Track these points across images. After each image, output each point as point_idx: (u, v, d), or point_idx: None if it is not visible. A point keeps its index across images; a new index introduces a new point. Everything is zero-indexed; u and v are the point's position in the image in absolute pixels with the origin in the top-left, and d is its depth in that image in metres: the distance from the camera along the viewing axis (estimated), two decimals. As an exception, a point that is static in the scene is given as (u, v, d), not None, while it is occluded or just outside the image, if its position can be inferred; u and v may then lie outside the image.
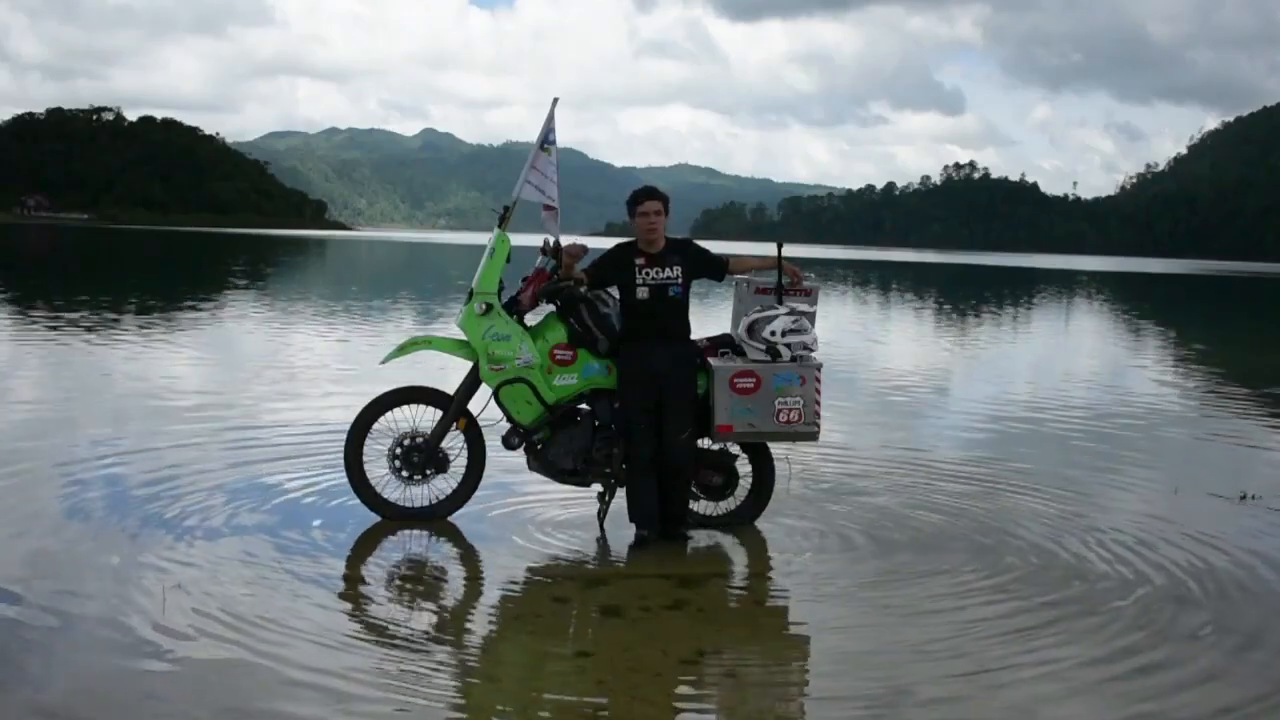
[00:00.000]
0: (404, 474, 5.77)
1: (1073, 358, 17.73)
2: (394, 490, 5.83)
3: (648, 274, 5.61)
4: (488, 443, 5.84)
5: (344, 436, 5.79)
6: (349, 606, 4.68)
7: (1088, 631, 4.54)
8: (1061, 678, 4.07)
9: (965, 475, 7.47)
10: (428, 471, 5.78)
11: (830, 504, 6.48)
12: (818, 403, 5.63)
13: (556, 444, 5.70)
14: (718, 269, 5.85)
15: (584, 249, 5.76)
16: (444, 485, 5.87)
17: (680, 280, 5.64)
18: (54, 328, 14.67)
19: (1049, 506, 6.62)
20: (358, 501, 5.81)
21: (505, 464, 6.34)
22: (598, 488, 5.81)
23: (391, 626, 4.44)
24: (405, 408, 5.81)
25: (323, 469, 6.81)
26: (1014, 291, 41.62)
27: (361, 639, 4.31)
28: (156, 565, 4.94)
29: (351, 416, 5.83)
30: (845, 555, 5.54)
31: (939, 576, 5.20)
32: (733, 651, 4.34)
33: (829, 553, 5.58)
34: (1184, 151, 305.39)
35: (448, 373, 6.19)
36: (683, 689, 4.00)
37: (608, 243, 5.97)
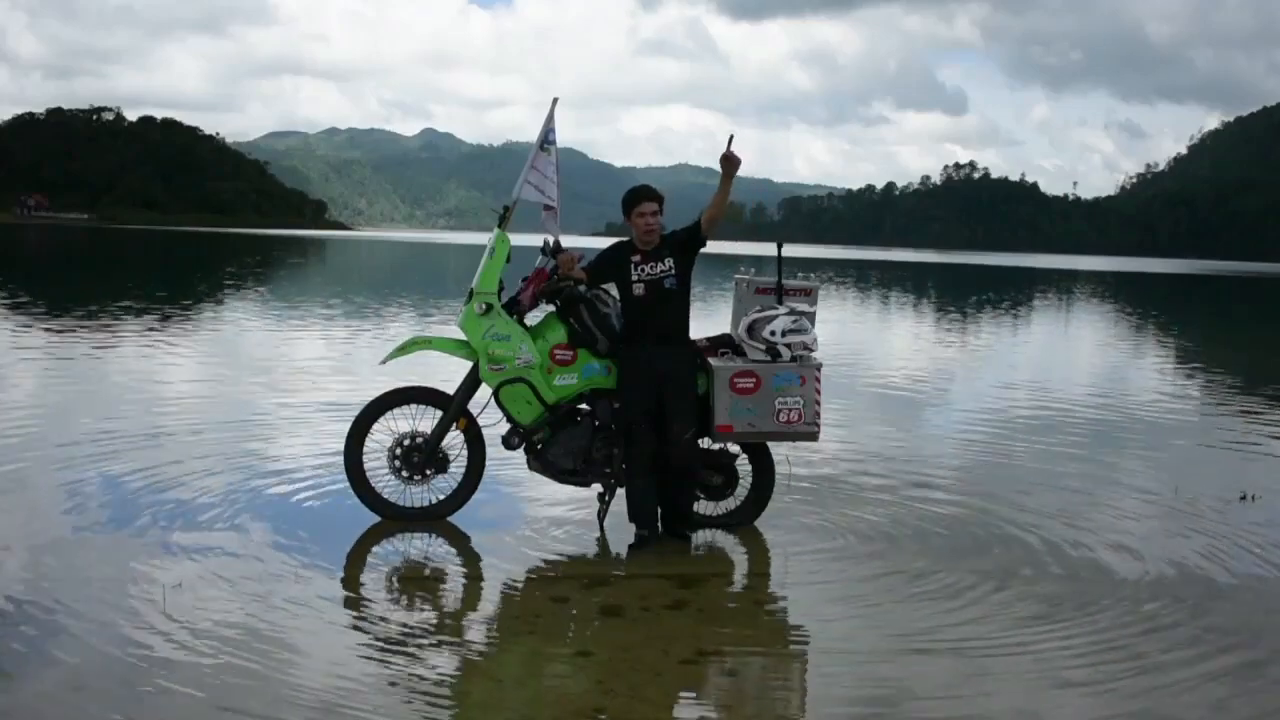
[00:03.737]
0: (404, 474, 5.77)
1: (1073, 357, 17.73)
2: (394, 490, 5.83)
3: (642, 270, 5.60)
4: (488, 443, 5.84)
5: (344, 436, 5.79)
6: (348, 607, 4.68)
7: (1088, 631, 4.54)
8: (1062, 678, 4.07)
9: (966, 475, 7.48)
10: (428, 471, 5.78)
11: (830, 504, 6.48)
12: (818, 403, 5.63)
13: (556, 444, 5.70)
14: (695, 234, 5.66)
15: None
16: (444, 485, 5.87)
17: (674, 271, 5.60)
18: (57, 327, 14.66)
19: (1049, 505, 6.62)
20: (357, 501, 5.81)
21: (505, 464, 6.33)
22: (598, 488, 5.81)
23: (391, 627, 4.44)
24: (405, 408, 5.82)
25: (322, 468, 6.81)
26: (1015, 291, 41.58)
27: (361, 639, 4.31)
28: (156, 564, 4.95)
29: (352, 416, 5.83)
30: (846, 554, 5.54)
31: (939, 576, 5.21)
32: (733, 651, 4.35)
33: (829, 552, 5.58)
34: (1184, 151, 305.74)
35: (448, 373, 6.18)
36: (683, 689, 4.00)
37: (608, 243, 5.97)
